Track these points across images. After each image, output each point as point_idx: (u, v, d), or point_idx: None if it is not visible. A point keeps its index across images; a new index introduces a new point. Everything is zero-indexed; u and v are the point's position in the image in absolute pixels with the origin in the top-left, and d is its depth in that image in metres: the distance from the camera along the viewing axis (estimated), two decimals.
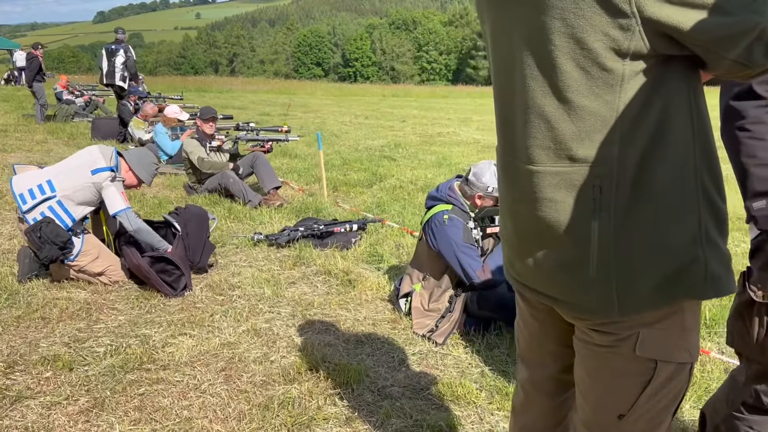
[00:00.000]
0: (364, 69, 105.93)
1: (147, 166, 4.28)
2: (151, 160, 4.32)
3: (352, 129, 14.11)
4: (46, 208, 3.96)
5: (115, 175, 4.02)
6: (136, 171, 4.22)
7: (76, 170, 4.03)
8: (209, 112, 6.63)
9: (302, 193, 7.17)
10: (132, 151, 4.35)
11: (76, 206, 4.02)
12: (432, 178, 8.00)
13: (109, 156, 4.10)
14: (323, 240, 5.11)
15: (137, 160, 4.24)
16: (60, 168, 4.12)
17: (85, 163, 4.06)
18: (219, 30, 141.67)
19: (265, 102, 23.56)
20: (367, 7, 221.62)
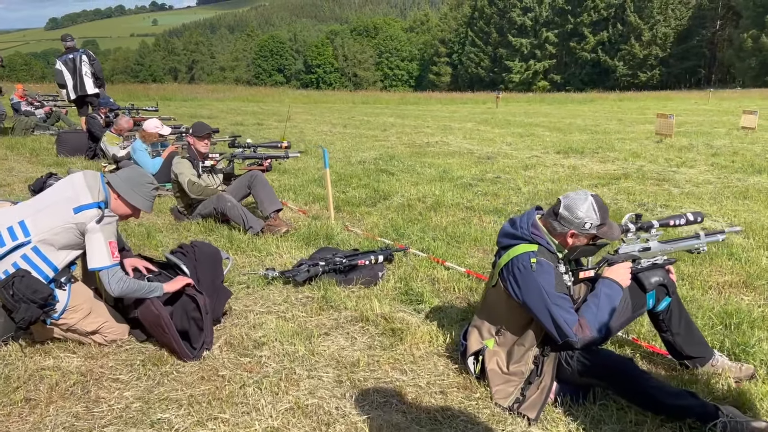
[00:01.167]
0: (327, 75, 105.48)
1: (141, 189, 3.44)
2: (146, 179, 3.49)
3: (336, 140, 13.41)
4: (18, 257, 3.19)
5: (102, 214, 3.21)
6: (128, 198, 3.39)
7: (55, 208, 3.24)
8: (204, 128, 5.88)
9: (304, 215, 6.46)
10: (121, 173, 3.48)
11: (57, 252, 3.24)
12: (440, 194, 7.37)
13: (96, 188, 3.29)
14: (347, 275, 4.43)
15: (128, 183, 3.41)
16: (36, 204, 3.33)
17: (66, 198, 3.26)
18: (177, 36, 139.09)
19: (235, 110, 22.68)
20: (327, 14, 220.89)
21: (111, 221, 3.24)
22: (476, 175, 8.81)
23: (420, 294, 4.10)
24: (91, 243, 3.18)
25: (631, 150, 11.54)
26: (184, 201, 5.86)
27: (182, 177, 5.67)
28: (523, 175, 8.89)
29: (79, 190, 3.25)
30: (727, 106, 29.50)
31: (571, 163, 10.00)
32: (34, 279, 3.14)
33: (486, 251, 5.25)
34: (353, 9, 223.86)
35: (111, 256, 3.18)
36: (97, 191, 3.27)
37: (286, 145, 6.15)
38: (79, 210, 3.18)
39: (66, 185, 3.35)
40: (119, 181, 3.38)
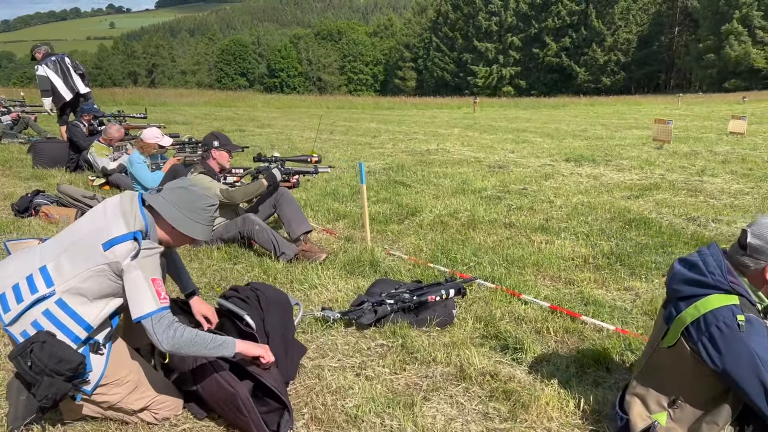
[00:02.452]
0: (290, 79, 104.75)
1: (197, 213, 2.57)
2: (203, 201, 2.61)
3: (329, 147, 12.68)
4: (40, 314, 2.42)
5: (138, 248, 2.39)
6: (180, 226, 2.55)
7: (81, 245, 2.45)
8: (226, 139, 5.12)
9: (332, 236, 5.74)
10: (167, 193, 2.58)
11: (90, 304, 2.44)
12: (472, 208, 6.74)
13: (131, 213, 2.47)
14: (418, 314, 3.74)
15: (178, 206, 2.54)
16: (63, 241, 2.54)
17: (95, 231, 2.46)
18: (137, 40, 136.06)
19: (209, 116, 21.73)
20: (289, 18, 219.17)
21: (151, 253, 2.43)
22: (498, 186, 8.20)
23: (517, 339, 3.44)
24: (130, 286, 2.38)
25: (640, 157, 11.10)
26: None
27: (209, 191, 4.89)
28: (546, 185, 8.32)
29: (111, 219, 2.46)
30: (699, 111, 29.65)
31: (588, 172, 9.48)
32: (58, 344, 2.37)
33: (554, 278, 4.63)
34: (315, 13, 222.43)
35: (156, 297, 2.37)
36: (133, 218, 2.46)
37: (316, 159, 5.43)
38: (109, 245, 2.39)
39: (97, 213, 2.56)
40: (165, 204, 2.54)
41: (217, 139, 5.08)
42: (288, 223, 5.20)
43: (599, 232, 5.82)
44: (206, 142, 5.06)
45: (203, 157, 5.13)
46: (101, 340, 2.51)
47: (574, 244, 5.43)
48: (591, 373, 3.16)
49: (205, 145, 5.06)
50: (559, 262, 4.94)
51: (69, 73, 10.08)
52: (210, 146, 5.05)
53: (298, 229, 5.17)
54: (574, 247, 5.36)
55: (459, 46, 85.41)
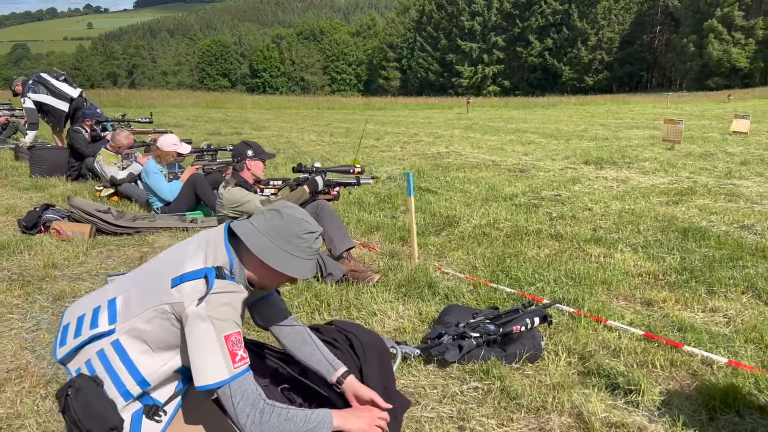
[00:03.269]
0: (273, 80, 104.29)
1: (292, 240, 2.02)
2: (302, 227, 2.04)
3: (336, 151, 12.20)
4: (94, 353, 1.96)
5: (207, 290, 1.87)
6: (273, 262, 1.98)
7: (155, 278, 1.98)
8: (259, 148, 4.65)
9: (374, 251, 5.29)
10: (258, 219, 2.04)
11: (150, 354, 1.96)
12: (511, 217, 6.34)
13: (215, 244, 2.00)
14: (506, 348, 3.31)
15: (268, 231, 2.00)
16: (140, 273, 2.10)
17: (171, 263, 1.99)
18: (116, 40, 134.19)
19: (200, 118, 21.13)
20: (269, 18, 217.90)
21: (227, 300, 1.89)
22: (528, 192, 7.80)
23: (628, 378, 3.01)
24: (193, 341, 1.85)
25: (658, 159, 10.78)
26: None
27: (249, 204, 4.41)
28: (576, 191, 7.93)
29: (194, 250, 1.99)
30: (691, 110, 29.62)
31: (613, 176, 9.12)
32: (96, 395, 1.90)
33: (628, 298, 4.22)
34: (296, 13, 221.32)
35: (230, 361, 1.84)
36: (214, 250, 1.97)
37: (359, 170, 4.97)
38: (178, 281, 1.90)
39: (188, 242, 2.11)
40: (253, 232, 1.99)
41: (250, 148, 4.61)
42: (330, 239, 4.74)
43: (657, 244, 5.42)
44: (238, 152, 4.59)
45: (235, 168, 4.65)
46: (161, 402, 2.02)
47: (635, 258, 5.03)
48: (722, 420, 2.74)
49: (238, 155, 4.58)
50: (628, 280, 4.54)
51: (52, 85, 9.51)
52: (243, 156, 4.58)
53: (341, 246, 4.71)
54: (637, 262, 4.96)
55: (443, 46, 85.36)
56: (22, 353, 3.18)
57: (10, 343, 3.28)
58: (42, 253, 4.79)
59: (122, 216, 5.57)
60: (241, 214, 4.41)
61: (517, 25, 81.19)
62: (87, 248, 5.04)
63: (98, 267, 4.59)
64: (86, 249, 5.01)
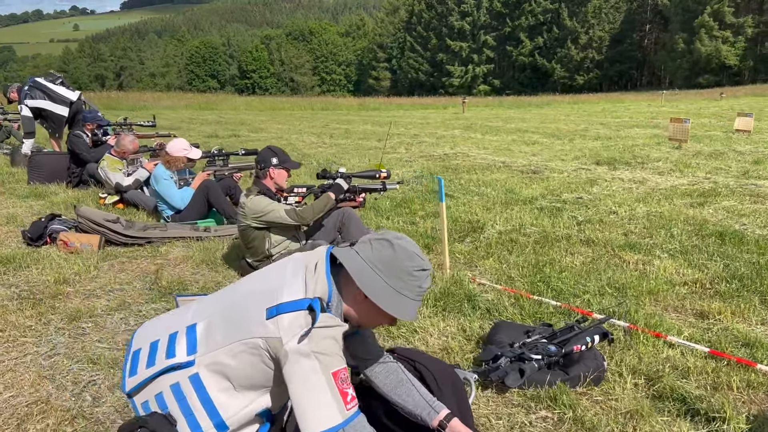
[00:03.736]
0: (263, 80, 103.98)
1: (404, 277, 1.76)
2: (413, 264, 1.77)
3: (339, 153, 11.92)
4: (167, 386, 1.72)
5: (311, 326, 1.61)
6: (377, 297, 1.74)
7: (244, 306, 1.72)
8: (285, 156, 4.37)
9: None
10: (365, 248, 1.79)
11: (232, 393, 1.71)
12: (536, 222, 6.09)
13: (315, 271, 1.74)
14: (568, 370, 3.05)
15: (377, 264, 1.75)
16: (224, 298, 1.84)
17: (267, 289, 1.72)
18: (103, 42, 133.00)
19: (195, 120, 20.78)
20: (258, 19, 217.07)
21: (332, 333, 1.65)
22: (547, 195, 7.55)
23: (709, 404, 2.76)
24: (297, 383, 1.60)
25: (670, 159, 10.58)
26: (260, 250, 4.32)
27: (274, 214, 4.13)
28: (596, 193, 7.70)
29: (290, 277, 1.72)
30: (686, 108, 29.51)
31: (629, 177, 8.89)
32: None
33: (678, 310, 3.98)
34: (284, 14, 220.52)
35: (342, 402, 1.61)
36: (315, 279, 1.71)
37: (385, 174, 4.71)
38: (274, 312, 1.64)
39: (279, 266, 1.83)
40: (360, 264, 1.75)
41: (275, 156, 4.33)
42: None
43: (695, 250, 5.19)
44: (262, 158, 4.31)
45: (258, 176, 4.37)
46: None
47: (676, 265, 4.78)
48: None
49: (262, 162, 4.30)
50: (675, 289, 4.29)
51: (50, 90, 9.17)
52: (267, 164, 4.30)
53: None
54: (678, 269, 4.72)
55: (433, 45, 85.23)
56: (41, 383, 2.89)
57: (27, 372, 2.98)
58: (51, 268, 4.49)
59: (132, 225, 5.27)
60: (265, 224, 4.14)
61: (507, 24, 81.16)
62: (97, 261, 4.74)
63: (112, 282, 4.30)
64: (97, 262, 4.71)
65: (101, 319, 3.64)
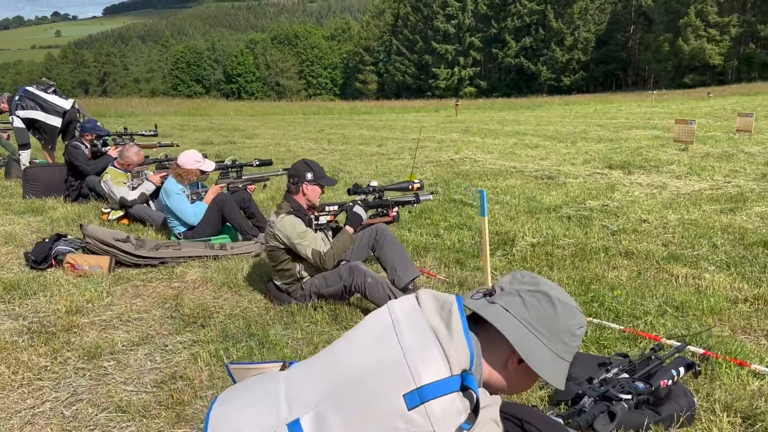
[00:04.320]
0: (248, 85, 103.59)
1: (563, 338, 1.41)
2: (573, 322, 1.42)
3: (342, 160, 11.57)
4: None
5: (474, 418, 1.23)
6: (537, 364, 1.38)
7: (362, 391, 1.27)
8: (320, 171, 4.03)
9: (437, 279, 4.67)
10: (508, 297, 1.43)
11: None
12: (568, 233, 5.78)
13: (449, 332, 1.32)
14: (658, 409, 2.72)
15: (533, 322, 1.40)
16: (326, 376, 1.36)
17: (387, 363, 1.28)
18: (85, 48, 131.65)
19: (188, 126, 20.35)
20: (242, 23, 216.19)
21: (493, 415, 1.30)
22: (569, 202, 7.25)
23: None
24: None
25: (683, 162, 10.33)
26: (290, 272, 3.96)
27: (300, 247, 3.79)
28: (620, 199, 7.41)
29: (414, 343, 1.30)
30: (678, 108, 29.43)
31: (647, 181, 8.63)
32: None
33: (746, 330, 3.68)
34: (269, 18, 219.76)
35: None
36: (453, 342, 1.30)
37: (418, 185, 4.37)
38: (417, 400, 1.22)
39: (382, 325, 1.39)
40: (511, 321, 1.40)
41: (310, 170, 3.98)
42: (392, 268, 4.13)
43: (744, 262, 4.89)
44: (296, 172, 3.96)
45: (289, 190, 4.02)
46: None
47: (729, 279, 4.49)
48: None
49: (295, 176, 3.95)
50: (737, 307, 3.99)
51: (42, 99, 8.75)
52: (302, 179, 3.95)
53: (405, 276, 4.11)
54: (733, 284, 4.42)
55: (419, 48, 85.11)
56: None
57: (49, 426, 2.61)
58: (60, 294, 4.11)
59: (143, 244, 4.90)
60: (293, 247, 3.78)
61: (493, 26, 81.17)
62: (109, 285, 4.36)
63: (128, 310, 3.92)
64: (109, 286, 4.34)
65: (123, 355, 3.28)
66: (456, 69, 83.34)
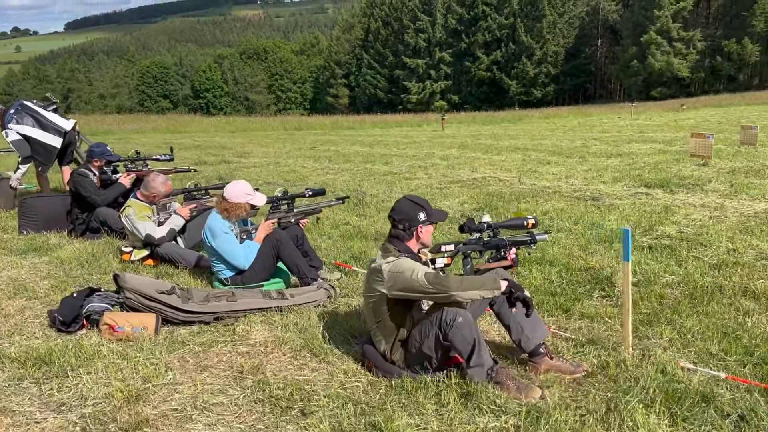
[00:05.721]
0: (217, 100, 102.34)
1: None
2: None
3: (356, 180, 10.77)
4: None
5: None
6: None
7: None
8: (430, 207, 3.28)
9: (563, 339, 3.91)
10: None
11: None
12: (667, 268, 5.08)
13: None
14: None
15: None
16: None
17: None
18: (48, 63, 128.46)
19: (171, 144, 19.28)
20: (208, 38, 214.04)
21: None
22: (639, 231, 6.54)
23: None
24: None
25: (717, 178, 9.79)
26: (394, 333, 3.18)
27: (413, 280, 3.02)
28: (687, 224, 6.77)
29: None
30: (662, 121, 29.31)
31: (700, 202, 8.02)
32: None
33: None
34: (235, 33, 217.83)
35: None
36: None
37: (533, 221, 3.64)
38: None
39: None
40: None
41: (422, 210, 3.23)
42: (517, 326, 3.37)
43: None
44: (405, 215, 3.20)
45: (398, 237, 3.25)
46: None
47: None
48: None
49: (405, 219, 3.20)
50: None
51: (40, 115, 7.86)
52: (415, 221, 3.20)
53: (534, 336, 3.36)
54: None
55: (390, 62, 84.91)
56: None
57: None
58: (106, 371, 3.24)
59: (190, 296, 4.05)
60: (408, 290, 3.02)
61: (464, 41, 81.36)
62: (161, 352, 3.51)
63: (199, 390, 3.09)
64: (161, 353, 3.49)
65: None
66: (427, 83, 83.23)
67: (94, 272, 5.13)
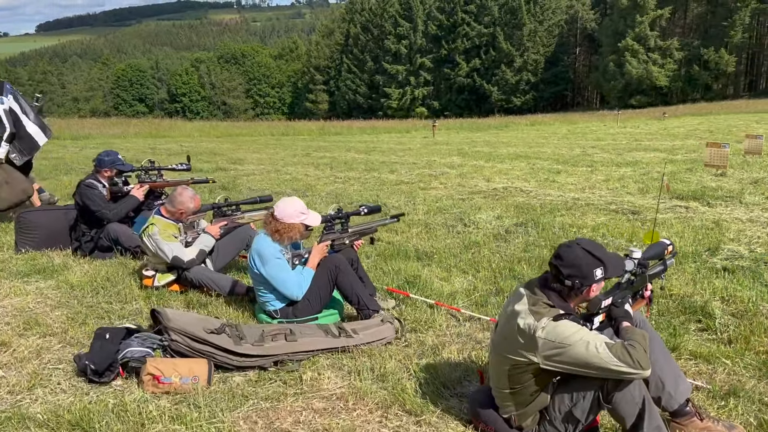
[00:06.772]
0: (193, 104, 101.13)
1: None
2: None
3: (368, 191, 10.14)
4: None
5: None
6: None
7: None
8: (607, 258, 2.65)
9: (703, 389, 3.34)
10: None
11: None
12: (763, 296, 4.55)
13: None
14: None
15: None
16: None
17: None
18: (19, 65, 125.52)
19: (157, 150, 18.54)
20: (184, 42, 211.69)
21: None
22: (699, 249, 6.03)
23: None
24: None
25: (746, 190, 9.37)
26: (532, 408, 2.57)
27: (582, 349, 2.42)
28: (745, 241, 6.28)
29: None
30: (651, 129, 29.17)
31: (746, 217, 7.56)
32: None
33: None
34: (211, 37, 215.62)
35: None
36: None
37: (671, 248, 3.06)
38: None
39: None
40: None
41: (601, 266, 2.57)
42: (659, 383, 2.76)
43: None
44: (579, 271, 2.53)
45: (560, 293, 2.60)
46: None
47: None
48: None
49: (579, 276, 2.53)
50: None
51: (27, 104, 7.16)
52: (590, 280, 2.56)
53: (677, 393, 2.77)
54: None
55: (370, 68, 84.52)
56: None
57: None
58: None
59: (242, 336, 3.39)
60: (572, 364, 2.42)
61: (444, 47, 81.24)
62: (223, 411, 2.86)
63: None
64: (223, 413, 2.83)
65: None
66: (408, 89, 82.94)
67: (113, 300, 4.44)
